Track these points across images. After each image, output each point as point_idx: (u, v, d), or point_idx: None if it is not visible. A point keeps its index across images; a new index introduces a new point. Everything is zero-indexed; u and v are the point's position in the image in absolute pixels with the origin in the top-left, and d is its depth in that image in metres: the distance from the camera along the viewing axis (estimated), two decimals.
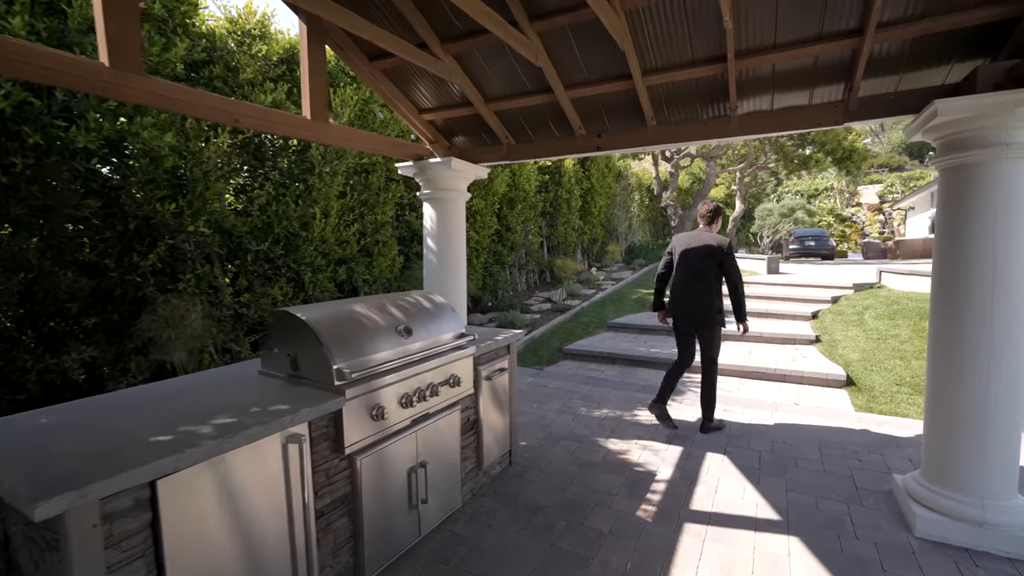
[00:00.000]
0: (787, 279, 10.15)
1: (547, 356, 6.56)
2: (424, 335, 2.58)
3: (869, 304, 7.52)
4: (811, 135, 17.09)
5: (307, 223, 5.25)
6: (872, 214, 45.84)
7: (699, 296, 3.71)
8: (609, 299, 9.82)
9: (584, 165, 12.91)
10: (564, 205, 11.59)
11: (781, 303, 8.40)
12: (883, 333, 6.29)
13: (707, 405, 3.91)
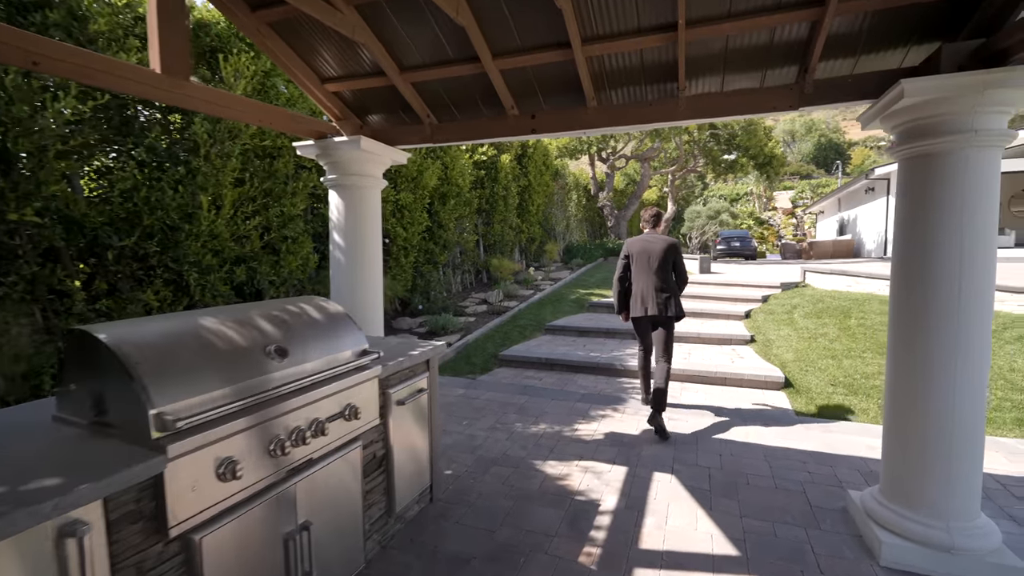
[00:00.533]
0: (719, 278, 10.33)
1: (481, 363, 6.05)
2: (307, 355, 1.98)
3: (797, 303, 7.68)
4: (736, 140, 17.82)
5: (191, 214, 4.39)
6: (786, 218, 49.52)
7: (663, 293, 3.95)
8: (547, 300, 9.48)
9: (521, 162, 12.53)
10: (501, 202, 11.14)
11: (716, 303, 8.43)
12: (813, 332, 6.36)
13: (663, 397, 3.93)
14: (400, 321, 7.43)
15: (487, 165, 10.75)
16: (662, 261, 3.95)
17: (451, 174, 8.40)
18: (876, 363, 5.23)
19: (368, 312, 3.58)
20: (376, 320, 3.63)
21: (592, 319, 7.97)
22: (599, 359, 5.79)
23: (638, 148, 20.53)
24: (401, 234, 7.19)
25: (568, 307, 8.91)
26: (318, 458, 1.98)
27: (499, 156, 10.92)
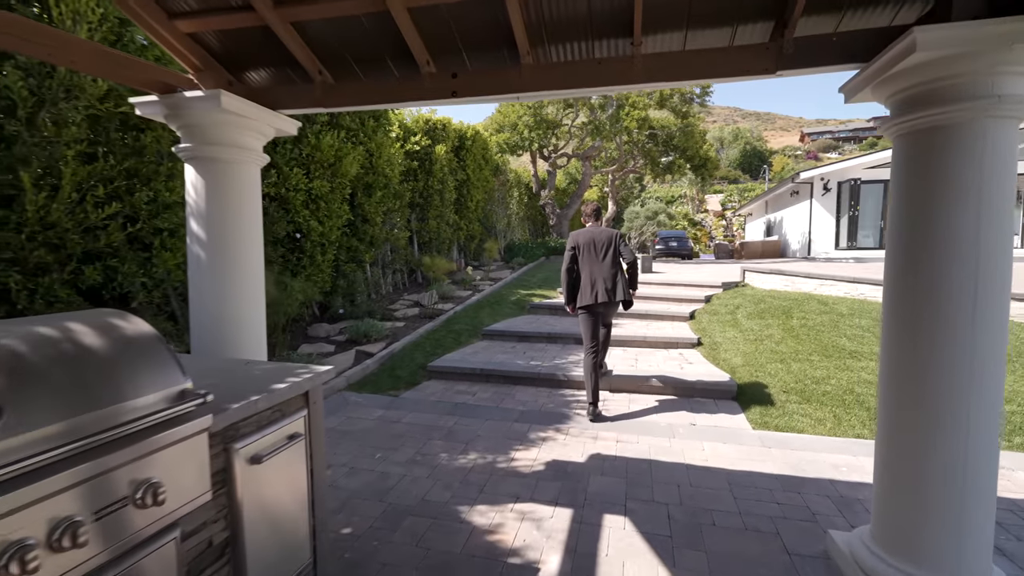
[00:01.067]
0: (662, 278, 10.15)
1: (407, 376, 5.29)
2: (47, 413, 1.19)
3: (739, 303, 7.52)
4: (674, 141, 18.02)
5: (10, 197, 3.34)
6: (717, 219, 52.07)
7: (611, 281, 4.17)
8: (486, 302, 8.84)
9: (459, 155, 11.80)
10: (436, 196, 10.35)
11: (660, 303, 8.15)
12: (758, 334, 6.14)
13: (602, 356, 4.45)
14: (316, 328, 6.49)
15: (421, 156, 9.93)
16: (609, 249, 4.21)
17: (377, 162, 7.54)
18: (823, 367, 5.02)
19: (242, 327, 2.75)
20: (254, 338, 2.80)
21: (533, 322, 7.41)
22: (540, 368, 5.22)
23: (579, 147, 20.39)
24: (316, 228, 6.27)
25: (508, 309, 8.32)
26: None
27: (434, 146, 10.14)
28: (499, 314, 7.93)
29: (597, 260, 4.19)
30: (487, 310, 8.19)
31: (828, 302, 7.08)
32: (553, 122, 17.35)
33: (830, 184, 17.59)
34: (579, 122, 19.77)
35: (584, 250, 4.24)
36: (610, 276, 4.16)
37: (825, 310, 6.71)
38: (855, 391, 4.47)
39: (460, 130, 11.76)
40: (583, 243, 4.25)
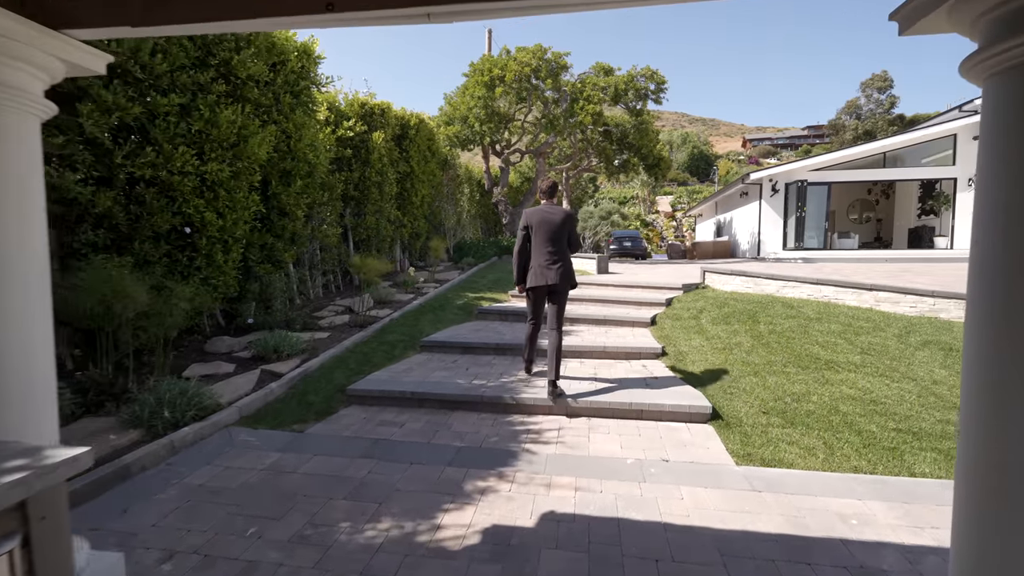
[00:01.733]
0: (619, 279, 9.57)
1: (321, 402, 4.32)
2: None
3: (702, 307, 7.00)
4: (629, 138, 17.69)
5: None
6: (667, 220, 53.18)
7: (561, 262, 4.12)
8: (428, 306, 7.92)
9: (401, 144, 10.78)
10: (374, 189, 9.31)
11: (619, 307, 7.53)
12: (726, 341, 5.59)
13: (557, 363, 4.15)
14: (216, 343, 5.37)
15: (356, 143, 8.87)
16: (559, 231, 4.13)
17: (297, 146, 6.45)
18: (801, 380, 4.48)
19: (19, 357, 1.74)
20: (21, 381, 1.79)
21: (480, 330, 6.58)
22: (485, 390, 4.39)
23: (532, 143, 19.73)
24: (214, 222, 5.15)
25: (453, 315, 7.44)
26: None
27: (371, 133, 9.09)
28: (442, 321, 7.04)
29: (548, 239, 4.11)
30: (429, 316, 7.27)
31: (793, 305, 6.67)
32: (505, 115, 16.58)
33: (778, 185, 17.82)
34: (532, 117, 19.12)
35: (536, 230, 4.15)
36: (558, 260, 4.10)
37: (792, 314, 6.27)
38: (840, 410, 3.93)
39: (402, 117, 10.75)
40: (535, 222, 4.16)
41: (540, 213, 4.18)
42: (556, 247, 4.11)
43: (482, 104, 14.69)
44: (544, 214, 4.15)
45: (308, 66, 6.59)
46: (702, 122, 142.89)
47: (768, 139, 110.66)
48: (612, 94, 14.34)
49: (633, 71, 14.46)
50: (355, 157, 8.92)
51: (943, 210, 17.30)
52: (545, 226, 4.12)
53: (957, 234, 16.70)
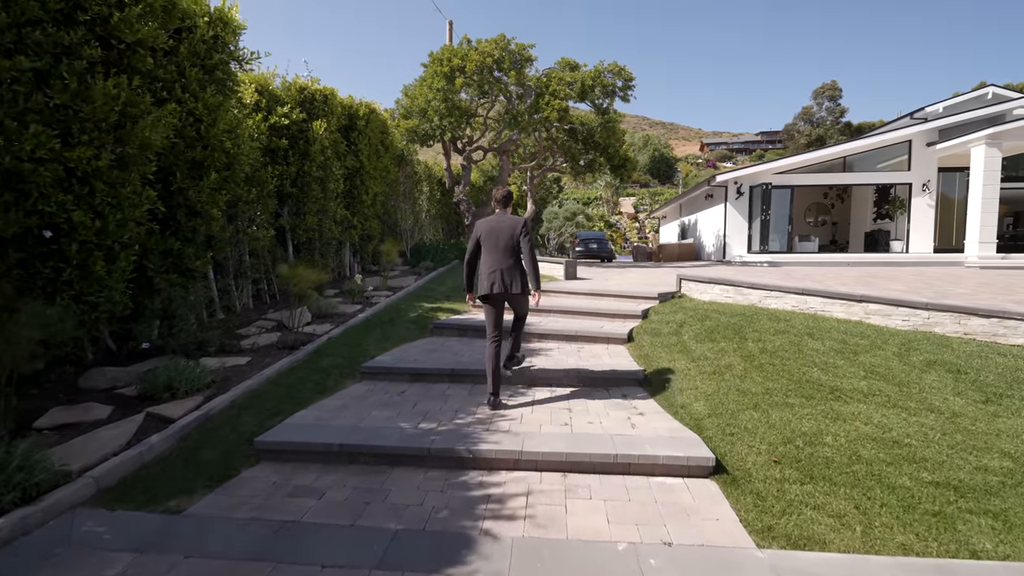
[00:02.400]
0: (589, 286, 8.86)
1: (218, 461, 3.32)
2: None
3: (682, 319, 6.35)
4: (596, 137, 17.15)
5: None
6: (631, 221, 53.56)
7: (511, 272, 4.06)
8: (376, 320, 6.94)
9: (349, 136, 9.68)
10: (316, 186, 8.22)
11: (591, 320, 6.79)
12: (715, 363, 4.92)
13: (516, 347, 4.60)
14: (94, 376, 4.25)
15: (293, 133, 7.76)
16: (511, 239, 4.06)
17: (210, 132, 5.33)
18: (809, 414, 3.83)
19: None
20: None
21: (435, 350, 5.69)
22: (435, 436, 3.50)
23: (496, 140, 18.89)
24: (88, 223, 4.02)
25: (404, 330, 6.50)
26: None
27: (311, 122, 8.00)
28: (391, 338, 6.10)
29: (496, 248, 4.09)
30: (376, 333, 6.30)
31: (780, 317, 6.10)
32: (467, 110, 15.65)
33: (743, 188, 17.70)
34: (495, 113, 18.27)
35: (486, 239, 4.14)
36: (508, 266, 4.06)
37: (781, 328, 5.69)
38: (862, 456, 3.28)
39: (349, 106, 9.66)
40: (485, 232, 4.15)
41: (490, 223, 4.16)
42: (507, 254, 4.07)
43: (442, 97, 13.69)
44: (493, 224, 4.14)
45: (224, 36, 5.49)
46: (662, 126, 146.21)
47: (724, 143, 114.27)
48: (579, 90, 13.69)
49: (600, 66, 13.85)
50: (292, 148, 7.81)
51: (898, 214, 17.61)
52: (494, 235, 4.09)
53: (912, 238, 17.02)
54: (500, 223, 4.12)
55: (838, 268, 14.18)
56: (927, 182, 16.83)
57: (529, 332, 6.17)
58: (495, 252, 4.08)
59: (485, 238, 4.13)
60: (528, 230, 4.11)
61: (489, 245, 4.11)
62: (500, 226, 4.11)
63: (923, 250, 16.85)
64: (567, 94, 13.58)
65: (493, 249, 4.09)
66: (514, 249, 4.07)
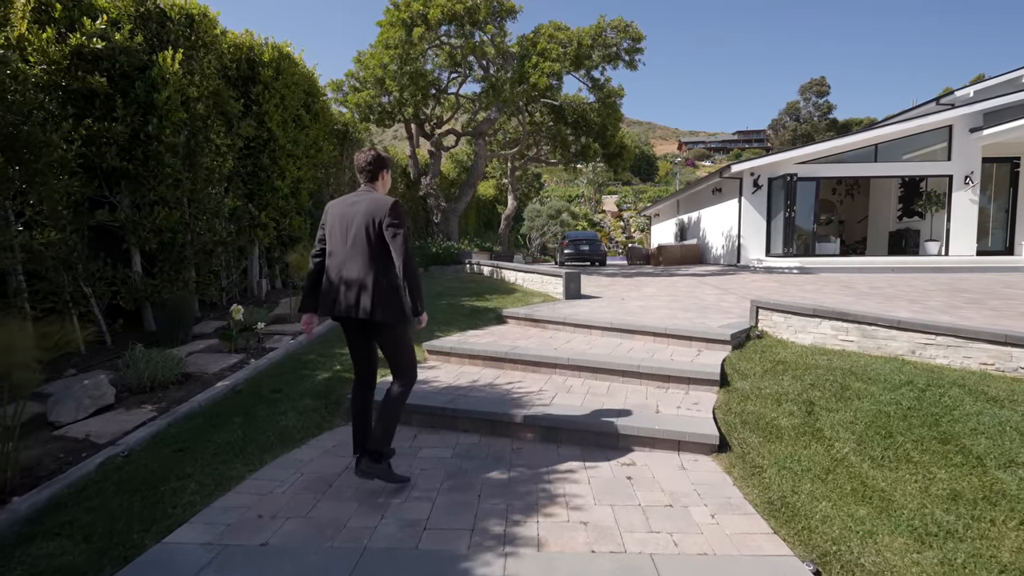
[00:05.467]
0: (602, 312, 5.96)
1: None
2: None
3: (801, 394, 3.50)
4: (589, 119, 14.30)
5: None
6: (615, 220, 51.20)
7: (364, 285, 2.54)
8: (250, 394, 3.88)
9: (248, 92, 6.55)
10: (173, 159, 5.09)
11: (623, 382, 3.88)
12: (956, 533, 2.07)
13: (382, 429, 2.62)
14: None
15: (121, 68, 4.63)
16: (363, 233, 2.57)
17: None
18: None
19: None
20: None
21: (341, 491, 2.70)
22: None
23: (471, 123, 15.86)
24: None
25: (294, 416, 3.50)
26: None
27: (157, 53, 4.87)
28: (251, 446, 3.08)
29: (343, 246, 2.62)
30: (229, 431, 3.26)
31: (992, 395, 3.30)
32: (434, 81, 12.60)
33: (761, 180, 15.15)
34: (470, 92, 15.28)
35: (331, 231, 2.69)
36: (358, 276, 2.56)
37: (1010, 421, 2.89)
38: None
39: (248, 47, 6.54)
40: (330, 219, 2.71)
41: (340, 205, 2.71)
42: (359, 257, 2.57)
43: (400, 59, 10.66)
44: (345, 206, 2.67)
45: None
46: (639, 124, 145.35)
47: (702, 142, 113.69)
48: (574, 52, 10.83)
49: (602, 22, 11.00)
50: (123, 96, 4.69)
51: (934, 211, 15.30)
52: (343, 225, 2.63)
53: (953, 238, 14.74)
54: (353, 206, 2.66)
55: (882, 275, 11.70)
56: (970, 173, 14.56)
57: (520, 417, 3.29)
58: (341, 251, 2.64)
59: (331, 229, 2.70)
60: (397, 220, 2.59)
61: (336, 239, 2.67)
62: (352, 211, 2.64)
63: (965, 252, 14.59)
64: (560, 55, 10.66)
65: (340, 246, 2.65)
66: (371, 249, 2.58)
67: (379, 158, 2.75)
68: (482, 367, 4.62)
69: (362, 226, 2.58)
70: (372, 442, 2.60)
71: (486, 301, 7.18)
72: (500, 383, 4.13)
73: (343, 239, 2.63)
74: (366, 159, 2.74)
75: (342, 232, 2.64)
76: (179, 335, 5.03)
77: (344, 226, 2.63)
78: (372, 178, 2.75)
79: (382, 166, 2.76)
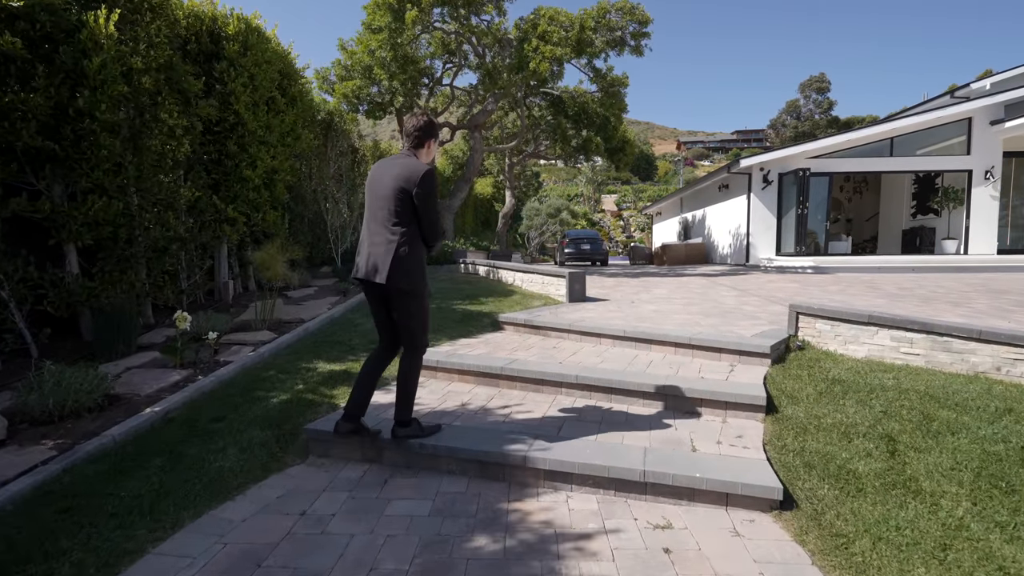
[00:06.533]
0: (612, 318, 5.23)
1: None
2: None
3: (874, 425, 2.78)
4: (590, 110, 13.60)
5: None
6: (614, 219, 50.50)
7: (385, 247, 2.54)
8: (182, 423, 3.12)
9: (210, 70, 5.81)
10: (111, 140, 4.34)
11: (644, 404, 3.14)
12: None
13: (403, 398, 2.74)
14: None
15: (43, 28, 3.89)
16: (390, 198, 2.53)
17: None
18: None
19: None
20: None
21: None
22: None
23: (466, 116, 15.12)
24: None
25: (235, 454, 2.77)
26: None
27: (85, 12, 4.12)
28: (182, 488, 2.33)
29: (373, 211, 2.62)
30: (137, 481, 2.52)
31: None
32: (426, 69, 11.87)
33: (771, 176, 14.45)
34: (466, 85, 14.55)
35: (367, 191, 2.69)
36: (379, 240, 2.55)
37: None
38: None
39: (207, 16, 5.79)
40: (369, 179, 2.71)
41: (380, 167, 2.67)
42: (382, 220, 2.55)
43: (388, 44, 9.92)
44: (383, 169, 2.63)
45: None
46: (638, 124, 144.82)
47: (700, 142, 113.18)
48: (575, 37, 10.09)
49: (604, 3, 10.25)
50: (44, 61, 3.94)
51: (952, 208, 14.61)
52: (374, 186, 2.62)
53: (973, 236, 14.06)
54: (390, 169, 2.58)
55: (902, 275, 11.01)
56: (991, 168, 13.88)
57: (518, 457, 2.56)
58: (371, 217, 2.62)
59: (367, 191, 2.68)
60: (429, 187, 2.53)
61: (368, 201, 2.66)
62: (382, 174, 2.58)
63: (985, 251, 13.91)
64: (562, 39, 9.91)
65: (369, 208, 2.65)
66: (394, 214, 2.51)
67: (430, 124, 2.70)
68: (474, 384, 3.89)
69: (390, 189, 2.54)
70: (397, 412, 2.75)
71: (481, 305, 6.44)
72: (495, 407, 3.40)
73: (372, 201, 2.65)
74: (415, 124, 2.68)
75: (371, 194, 2.65)
76: (119, 346, 4.29)
77: (374, 189, 2.63)
78: (417, 144, 2.68)
79: (430, 134, 2.71)
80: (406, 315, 2.66)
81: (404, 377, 2.74)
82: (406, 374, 2.73)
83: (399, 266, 2.52)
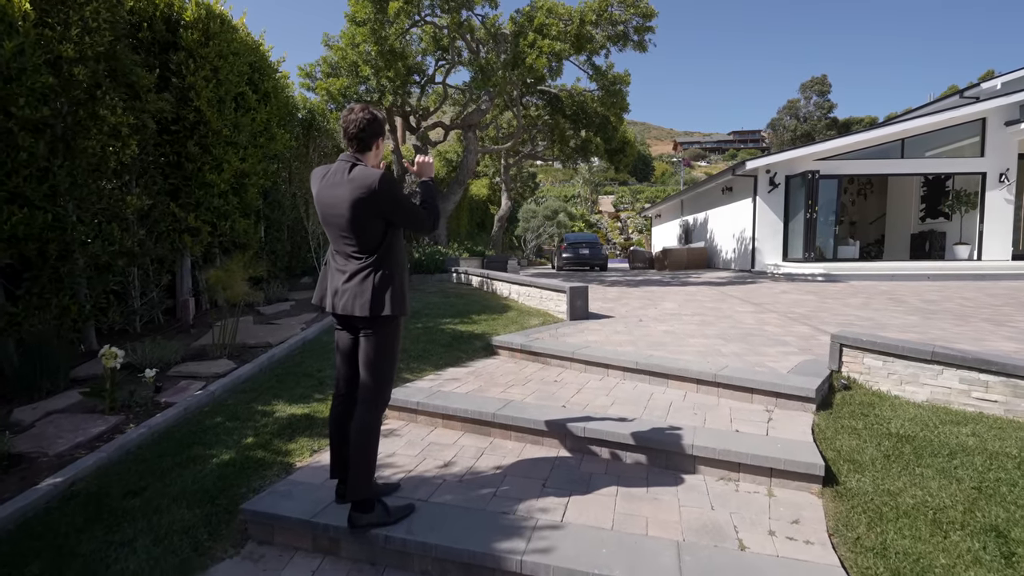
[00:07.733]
0: (618, 342, 4.60)
1: None
2: None
3: (980, 509, 2.16)
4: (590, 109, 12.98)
5: None
6: (612, 221, 49.97)
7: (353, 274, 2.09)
8: (128, 473, 2.48)
9: (167, 62, 5.16)
10: (25, 136, 3.68)
11: (684, 499, 2.51)
12: None
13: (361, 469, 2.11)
14: None
15: None
16: (350, 226, 2.05)
17: None
18: None
19: None
20: None
21: None
22: None
23: (459, 115, 14.48)
24: None
25: (152, 541, 2.12)
26: None
27: None
28: None
29: (334, 240, 2.15)
30: None
31: None
32: (416, 66, 11.23)
33: (777, 178, 13.89)
34: (460, 83, 13.91)
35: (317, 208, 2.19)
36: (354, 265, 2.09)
37: None
38: None
39: (167, 2, 5.13)
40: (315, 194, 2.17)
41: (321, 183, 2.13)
42: (349, 244, 2.10)
43: (373, 36, 9.28)
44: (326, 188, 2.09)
45: None
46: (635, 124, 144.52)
47: (697, 143, 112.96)
48: (574, 31, 9.49)
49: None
50: None
51: (964, 211, 14.08)
52: (327, 216, 2.12)
53: (987, 241, 13.53)
54: (335, 188, 2.06)
55: (917, 283, 10.46)
56: (1006, 170, 13.36)
57: (514, 561, 1.92)
58: (332, 236, 2.16)
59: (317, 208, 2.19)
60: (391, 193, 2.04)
61: (327, 231, 2.18)
62: (335, 196, 2.06)
63: (999, 256, 13.39)
64: (560, 33, 9.29)
65: (329, 230, 2.15)
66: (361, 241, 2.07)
67: (374, 120, 2.13)
68: (461, 432, 3.26)
69: (347, 216, 2.04)
70: (352, 492, 2.12)
71: (472, 324, 5.81)
72: (485, 468, 2.77)
73: (330, 230, 2.15)
74: (358, 123, 2.09)
75: (327, 223, 2.15)
76: (43, 383, 3.63)
77: (328, 218, 2.13)
78: (363, 146, 2.14)
79: (378, 132, 2.16)
80: (379, 350, 2.14)
81: (362, 440, 2.13)
82: (365, 434, 2.14)
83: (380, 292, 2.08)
